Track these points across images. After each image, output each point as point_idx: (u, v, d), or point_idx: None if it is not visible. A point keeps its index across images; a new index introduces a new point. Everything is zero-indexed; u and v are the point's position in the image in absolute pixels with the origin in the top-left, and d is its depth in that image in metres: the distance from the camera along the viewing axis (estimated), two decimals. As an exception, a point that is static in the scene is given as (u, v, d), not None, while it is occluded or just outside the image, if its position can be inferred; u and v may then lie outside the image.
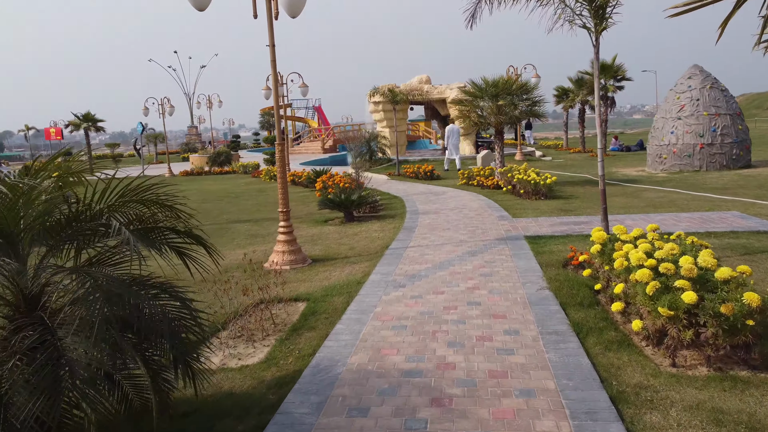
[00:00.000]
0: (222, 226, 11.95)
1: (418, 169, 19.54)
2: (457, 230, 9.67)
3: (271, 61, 7.82)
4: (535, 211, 11.34)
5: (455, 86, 26.52)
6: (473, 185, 16.34)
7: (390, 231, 10.12)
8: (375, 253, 8.46)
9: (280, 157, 8.09)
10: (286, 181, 8.15)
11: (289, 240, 8.10)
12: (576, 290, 5.98)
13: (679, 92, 17.64)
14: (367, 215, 12.14)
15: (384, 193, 15.69)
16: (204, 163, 27.88)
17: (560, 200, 12.74)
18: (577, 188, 14.79)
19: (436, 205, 12.86)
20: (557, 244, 8.33)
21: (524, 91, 15.34)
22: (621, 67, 24.78)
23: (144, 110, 26.51)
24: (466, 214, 11.35)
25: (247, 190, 19.55)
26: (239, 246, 9.77)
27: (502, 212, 11.37)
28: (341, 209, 11.45)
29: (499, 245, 8.38)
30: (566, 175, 18.43)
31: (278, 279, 7.44)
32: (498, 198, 13.60)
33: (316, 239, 9.90)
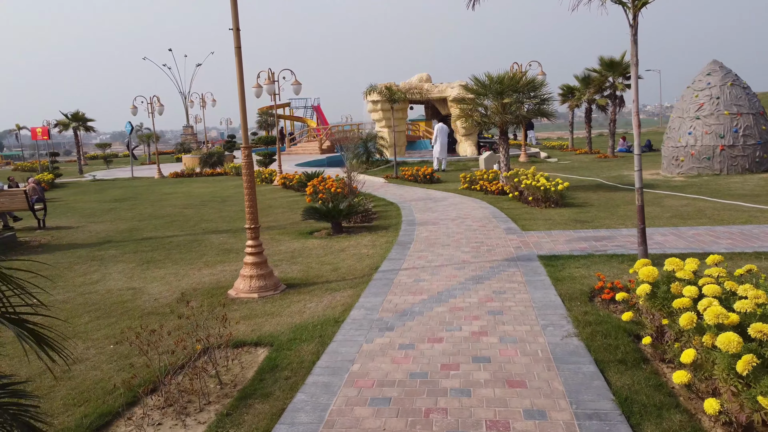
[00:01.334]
0: (196, 238, 10.54)
1: (417, 172, 18.11)
2: (459, 247, 8.24)
3: (236, 48, 6.40)
4: (546, 223, 9.91)
5: (456, 84, 25.08)
6: (476, 190, 14.91)
7: (382, 246, 8.69)
8: (361, 276, 7.04)
9: (246, 163, 6.65)
10: (254, 191, 6.73)
11: (258, 262, 6.68)
12: (614, 339, 4.56)
13: (697, 90, 16.18)
14: (358, 226, 10.72)
15: (379, 199, 14.26)
16: (196, 164, 26.46)
17: (573, 209, 11.31)
18: (590, 194, 13.35)
19: (435, 213, 11.43)
20: (578, 266, 6.90)
21: (531, 88, 13.90)
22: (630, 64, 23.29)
23: (132, 109, 25.09)
24: (469, 225, 9.92)
25: (235, 193, 18.13)
26: (207, 264, 8.35)
27: (509, 223, 9.94)
28: (328, 220, 10.03)
29: (509, 267, 6.95)
30: (575, 178, 16.99)
31: (240, 312, 6.05)
32: (504, 206, 12.17)
33: (296, 256, 8.49)
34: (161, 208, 15.38)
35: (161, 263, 8.60)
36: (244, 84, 6.49)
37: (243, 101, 6.54)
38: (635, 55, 5.45)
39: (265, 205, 14.82)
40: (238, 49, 6.39)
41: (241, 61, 6.41)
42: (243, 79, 6.45)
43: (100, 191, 21.21)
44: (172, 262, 8.65)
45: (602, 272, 6.58)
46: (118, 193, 20.28)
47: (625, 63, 23.32)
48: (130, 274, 8.00)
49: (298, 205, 14.51)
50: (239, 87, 6.48)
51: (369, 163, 22.22)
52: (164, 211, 14.87)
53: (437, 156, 21.08)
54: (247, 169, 6.64)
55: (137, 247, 9.99)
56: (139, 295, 6.91)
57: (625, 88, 23.64)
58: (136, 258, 9.06)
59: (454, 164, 22.75)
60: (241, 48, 6.40)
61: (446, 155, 21.36)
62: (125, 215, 14.35)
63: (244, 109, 6.57)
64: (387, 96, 19.83)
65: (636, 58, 5.47)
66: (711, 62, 16.48)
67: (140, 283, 7.51)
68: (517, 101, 13.84)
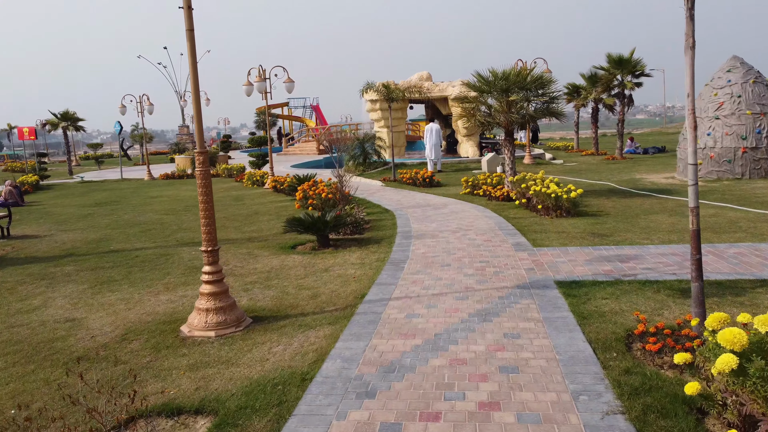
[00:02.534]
0: (166, 251, 9.28)
1: (416, 175, 16.84)
2: (461, 267, 6.97)
3: (187, 31, 5.13)
4: (560, 236, 8.63)
5: (457, 83, 23.75)
6: (479, 195, 13.64)
7: (371, 266, 7.42)
8: (344, 308, 5.77)
9: (201, 173, 5.37)
10: (211, 205, 5.46)
11: (217, 293, 5.41)
12: (675, 420, 3.28)
13: (716, 88, 14.87)
14: (348, 238, 9.45)
15: (373, 206, 12.99)
16: (187, 164, 25.21)
17: (588, 219, 10.02)
18: (603, 200, 12.07)
19: (434, 224, 10.15)
20: (605, 296, 5.63)
21: (539, 86, 12.61)
22: (640, 62, 22.01)
23: (121, 108, 23.81)
24: (472, 239, 8.65)
25: (223, 197, 16.87)
26: (169, 287, 7.09)
27: (518, 237, 8.66)
28: (313, 232, 8.77)
29: (522, 298, 5.67)
30: (584, 182, 15.70)
31: (189, 358, 4.79)
32: (510, 214, 10.89)
33: (272, 277, 7.22)
34: (141, 214, 14.14)
35: (117, 284, 7.34)
36: (197, 73, 5.22)
37: (197, 93, 5.26)
38: (692, 35, 4.18)
39: (251, 211, 13.57)
40: (190, 32, 5.12)
41: (194, 46, 5.15)
42: (196, 67, 5.18)
43: (85, 194, 19.97)
44: (129, 283, 7.39)
45: (637, 306, 5.30)
46: (102, 196, 19.04)
47: (635, 60, 22.03)
48: (77, 300, 6.74)
49: (287, 211, 13.25)
50: (192, 78, 5.21)
51: (366, 164, 20.94)
52: (143, 217, 13.62)
53: (430, 158, 19.90)
54: (202, 180, 5.36)
55: (98, 262, 8.74)
56: (75, 331, 5.65)
57: (635, 87, 22.32)
58: (91, 277, 7.81)
59: (455, 165, 21.49)
60: (193, 31, 5.13)
61: (440, 156, 20.21)
62: (100, 222, 13.10)
63: (198, 102, 5.30)
64: (384, 94, 18.55)
65: (693, 39, 4.19)
66: (731, 58, 15.17)
67: (83, 312, 6.25)
68: (524, 99, 12.56)
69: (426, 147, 19.98)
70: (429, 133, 19.88)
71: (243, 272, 7.55)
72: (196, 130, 5.35)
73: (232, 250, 9.03)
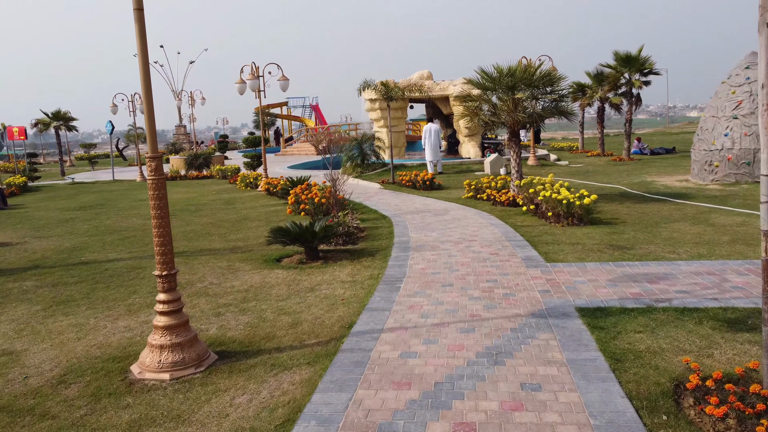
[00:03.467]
0: (140, 263, 8.35)
1: (416, 177, 15.88)
2: (465, 288, 6.02)
3: (135, 11, 4.18)
4: (575, 249, 7.67)
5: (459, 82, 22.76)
6: (482, 200, 12.69)
7: (363, 285, 6.48)
8: (327, 341, 4.83)
9: (154, 182, 4.42)
10: (165, 221, 4.50)
11: (174, 326, 4.46)
12: None
13: (734, 85, 13.90)
14: (340, 249, 8.50)
15: (370, 211, 12.04)
16: (181, 165, 24.27)
17: (603, 228, 9.07)
18: (617, 206, 11.11)
19: (435, 233, 9.20)
20: (638, 327, 4.68)
21: (548, 83, 11.65)
22: (648, 60, 21.02)
23: (112, 107, 22.85)
24: (477, 252, 7.70)
25: (214, 200, 15.94)
26: (131, 309, 6.15)
27: (528, 250, 7.70)
28: (300, 244, 7.82)
29: (540, 330, 4.72)
30: (593, 185, 14.75)
31: (132, 411, 3.84)
32: (517, 222, 9.93)
33: (249, 298, 6.27)
34: (125, 219, 13.21)
35: (75, 306, 6.40)
36: (148, 61, 4.26)
37: (147, 87, 4.30)
38: (768, 8, 3.20)
39: (241, 216, 12.63)
40: (139, 12, 4.17)
41: (143, 29, 4.20)
42: (147, 56, 4.23)
43: (72, 196, 19.04)
44: (89, 303, 6.45)
45: (679, 343, 4.35)
46: (88, 198, 18.11)
47: (643, 58, 21.05)
48: (24, 325, 5.80)
49: (278, 216, 12.32)
50: (142, 68, 4.26)
51: (364, 166, 20.01)
52: (126, 222, 12.70)
53: (429, 159, 18.93)
54: (155, 191, 4.41)
55: (63, 276, 7.80)
56: (8, 369, 4.71)
57: (642, 86, 21.34)
58: (49, 295, 6.87)
59: (457, 167, 20.53)
60: (143, 11, 4.19)
61: (439, 157, 19.25)
62: (80, 228, 12.17)
63: (150, 109, 4.33)
64: (383, 93, 17.59)
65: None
66: (750, 54, 14.18)
67: (26, 342, 5.31)
68: (531, 97, 11.60)
69: (425, 148, 19.02)
70: (428, 133, 18.94)
71: (218, 291, 6.61)
72: (147, 127, 4.40)
73: (211, 263, 8.09)
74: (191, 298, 6.40)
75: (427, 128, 19.20)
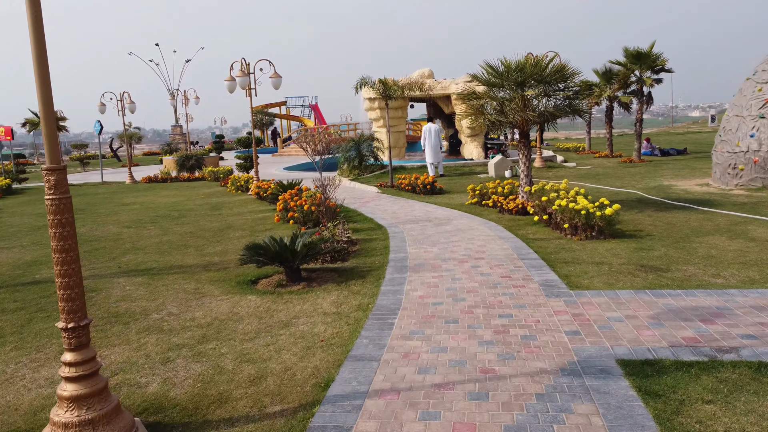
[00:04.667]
0: (97, 283, 7.16)
1: (416, 181, 14.69)
2: (474, 327, 4.82)
3: None
4: (599, 270, 6.46)
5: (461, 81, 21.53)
6: (488, 206, 11.49)
7: (349, 319, 5.28)
8: (294, 409, 3.63)
9: (54, 204, 3.23)
10: (72, 254, 3.29)
11: (84, 396, 3.25)
12: None
13: (760, 82, 12.66)
14: (327, 268, 7.30)
15: (364, 219, 10.85)
16: (172, 167, 23.08)
17: (628, 242, 7.86)
18: (637, 214, 9.89)
19: (436, 247, 8.00)
20: (706, 394, 3.48)
21: (561, 78, 10.45)
22: (660, 56, 19.77)
23: (100, 106, 21.64)
24: (486, 274, 6.49)
25: (200, 205, 14.76)
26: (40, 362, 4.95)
27: (545, 271, 6.49)
28: (278, 263, 6.63)
29: (575, 398, 3.52)
30: (606, 189, 13.54)
31: None
32: (528, 233, 8.73)
33: (210, 336, 5.08)
34: (100, 227, 12.04)
35: (0, 343, 5.22)
36: (44, 49, 3.07)
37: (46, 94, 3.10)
38: None
39: (224, 224, 11.44)
40: None
41: (38, 13, 3.00)
42: (42, 42, 3.04)
43: (54, 200, 17.85)
44: (18, 340, 5.26)
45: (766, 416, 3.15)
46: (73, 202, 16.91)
47: (654, 54, 19.79)
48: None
49: (265, 224, 11.13)
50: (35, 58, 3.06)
51: (361, 168, 18.82)
52: (100, 230, 11.53)
53: (430, 161, 17.71)
54: (56, 216, 3.22)
55: (3, 300, 6.61)
56: None
57: (654, 83, 20.09)
58: (-23, 328, 5.69)
59: (459, 169, 19.32)
60: (33, -33, 2.99)
61: (440, 158, 18.03)
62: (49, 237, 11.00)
63: (48, 112, 3.13)
64: (382, 91, 16.38)
65: None
66: (777, 48, 12.94)
67: None
68: (543, 94, 10.39)
69: (425, 149, 17.80)
70: (428, 134, 17.74)
71: (174, 326, 5.42)
72: (44, 132, 3.21)
73: (177, 285, 6.90)
74: (141, 335, 5.21)
75: (427, 128, 18.00)
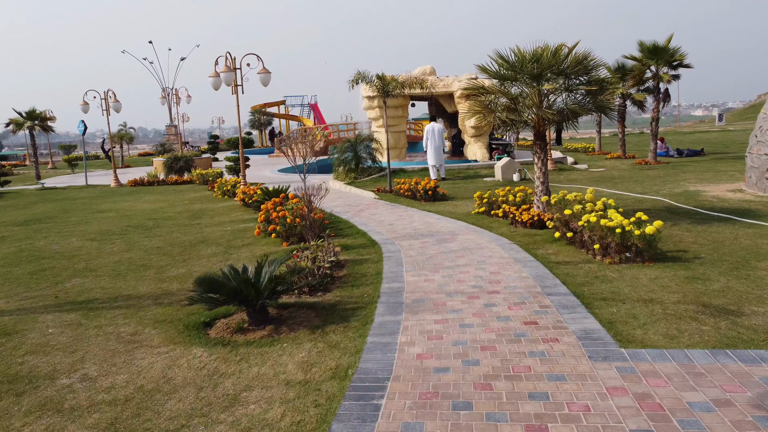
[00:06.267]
0: (21, 318, 5.63)
1: (416, 186, 13.14)
2: (496, 420, 3.28)
3: None
4: (651, 311, 4.90)
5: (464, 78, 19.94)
6: (497, 216, 9.95)
7: (319, 396, 3.74)
8: None
9: None
10: None
11: None
12: None
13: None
14: (302, 303, 5.76)
15: (356, 233, 9.30)
16: (160, 169, 21.57)
17: (674, 267, 6.29)
18: (673, 228, 8.31)
19: (439, 275, 6.45)
20: None
21: (583, 70, 8.87)
22: (678, 50, 18.16)
23: (83, 105, 20.12)
24: (505, 319, 4.94)
25: (180, 213, 13.24)
26: None
27: (581, 314, 4.93)
28: (238, 302, 5.08)
29: None
30: (627, 196, 11.98)
31: None
32: (549, 253, 7.18)
33: (118, 424, 3.54)
34: (63, 239, 10.55)
35: None
36: None
37: None
38: None
39: (199, 238, 9.91)
40: None
41: None
42: None
43: (28, 206, 16.37)
44: None
45: None
46: (44, 209, 15.43)
47: (672, 48, 18.16)
48: None
49: (243, 238, 9.61)
50: None
51: (358, 171, 17.27)
52: (62, 243, 10.06)
53: (432, 163, 16.16)
54: None
55: None
56: None
57: (671, 80, 18.48)
58: None
59: (463, 172, 17.76)
60: None
61: (443, 161, 16.47)
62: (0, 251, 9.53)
63: None
64: (378, 87, 14.82)
65: None
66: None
67: None
68: (562, 89, 8.83)
69: (428, 150, 16.25)
70: (431, 133, 16.18)
71: (81, 401, 3.89)
72: None
73: (112, 327, 5.37)
74: (29, 417, 3.68)
75: (430, 128, 16.44)
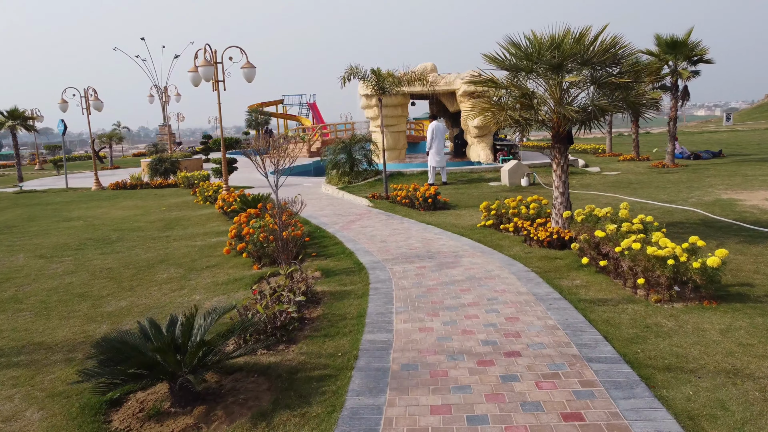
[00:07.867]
0: None
1: (414, 192, 11.60)
2: None
3: None
4: (740, 390, 3.34)
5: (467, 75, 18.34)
6: (507, 231, 8.40)
7: None
8: None
9: None
10: None
11: None
12: None
13: None
14: (253, 366, 4.20)
15: (342, 252, 7.74)
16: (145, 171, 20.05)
17: (744, 308, 4.74)
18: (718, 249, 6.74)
19: (439, 321, 4.90)
20: None
21: (612, 60, 7.32)
22: (698, 45, 16.57)
23: (62, 103, 18.60)
24: (534, 408, 3.38)
25: (152, 223, 11.71)
26: None
27: (646, 400, 3.37)
28: (155, 377, 3.54)
29: None
30: (652, 205, 10.41)
31: None
32: (577, 286, 5.61)
33: None
34: (8, 255, 9.06)
35: None
36: None
37: None
38: None
39: (160, 256, 8.37)
40: None
41: None
42: None
43: (-5, 212, 14.87)
44: None
45: None
46: (10, 216, 13.92)
47: (692, 43, 16.59)
48: None
49: (212, 257, 8.08)
50: None
51: (353, 174, 15.70)
52: (5, 261, 8.57)
53: (433, 165, 14.61)
54: None
55: None
56: None
57: (691, 76, 16.90)
58: None
59: (466, 175, 16.20)
60: None
61: (444, 163, 14.91)
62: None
63: None
64: (374, 83, 13.27)
65: None
66: None
67: None
68: (587, 82, 7.27)
69: (429, 151, 14.68)
70: (433, 133, 14.63)
71: None
72: None
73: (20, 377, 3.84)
74: None
75: (432, 127, 14.88)
